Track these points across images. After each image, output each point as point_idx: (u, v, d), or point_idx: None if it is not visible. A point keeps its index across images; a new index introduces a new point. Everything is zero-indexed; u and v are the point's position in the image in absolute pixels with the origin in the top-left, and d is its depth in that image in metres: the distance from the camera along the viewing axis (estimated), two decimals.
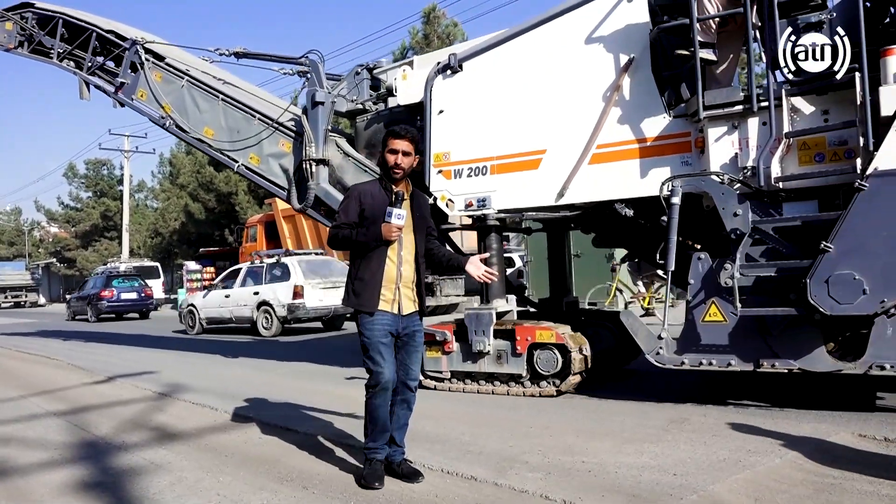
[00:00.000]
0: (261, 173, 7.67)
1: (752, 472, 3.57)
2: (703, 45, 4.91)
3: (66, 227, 39.38)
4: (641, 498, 3.25)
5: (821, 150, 4.59)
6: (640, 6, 5.22)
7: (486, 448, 4.23)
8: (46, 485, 3.91)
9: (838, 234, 4.27)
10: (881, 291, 4.17)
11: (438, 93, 6.10)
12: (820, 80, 4.49)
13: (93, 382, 7.83)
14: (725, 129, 4.87)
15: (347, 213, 3.68)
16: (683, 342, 4.97)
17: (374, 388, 3.58)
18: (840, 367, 4.51)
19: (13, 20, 9.54)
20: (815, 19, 4.54)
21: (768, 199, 4.73)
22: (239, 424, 5.22)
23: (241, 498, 3.52)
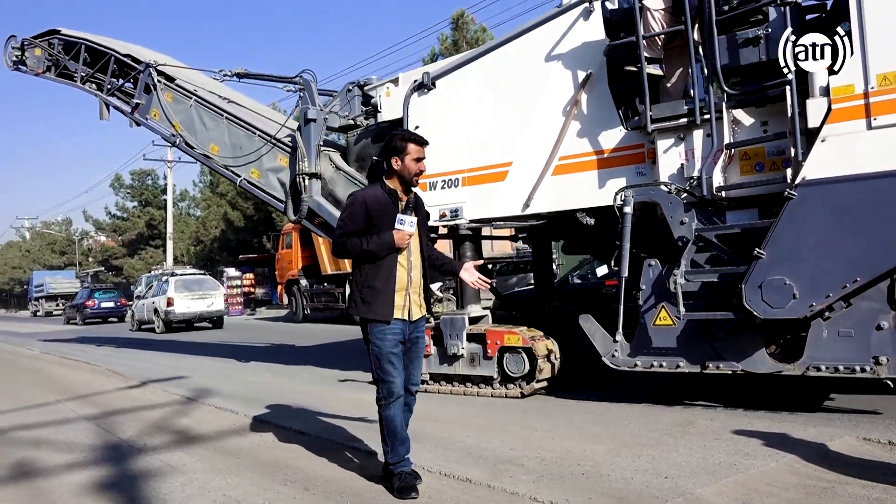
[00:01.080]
0: (261, 187, 8.17)
1: (745, 475, 3.62)
2: (650, 61, 5.16)
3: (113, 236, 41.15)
4: (628, 500, 3.34)
5: (760, 159, 4.79)
6: (596, 24, 5.50)
7: (486, 451, 4.36)
8: (67, 485, 4.18)
9: (770, 241, 4.48)
10: (810, 296, 4.37)
11: (414, 109, 6.48)
12: (754, 93, 4.69)
13: (127, 387, 8.23)
14: (673, 140, 5.11)
15: (354, 221, 3.64)
16: (636, 345, 5.22)
17: (387, 399, 3.60)
18: (780, 369, 4.71)
19: (41, 47, 10.28)
20: (752, 35, 4.74)
21: (712, 207, 4.96)
22: (256, 428, 5.44)
23: (245, 498, 3.71)
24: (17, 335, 21.99)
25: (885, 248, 4.18)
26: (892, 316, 4.36)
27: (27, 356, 13.72)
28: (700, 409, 5.18)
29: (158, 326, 19.88)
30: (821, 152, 4.35)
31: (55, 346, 15.62)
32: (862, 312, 4.44)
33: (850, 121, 4.27)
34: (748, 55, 4.79)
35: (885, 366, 4.36)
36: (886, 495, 3.22)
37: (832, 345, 4.51)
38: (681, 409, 5.23)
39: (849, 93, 4.27)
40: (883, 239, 4.18)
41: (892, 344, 4.35)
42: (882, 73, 4.18)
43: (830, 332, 4.52)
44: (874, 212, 4.19)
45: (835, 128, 4.32)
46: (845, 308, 4.47)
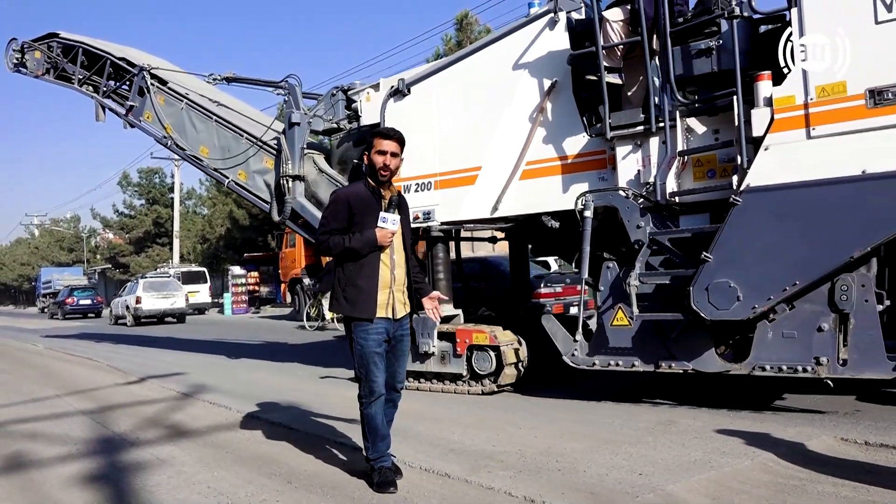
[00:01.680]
0: (248, 188, 8.42)
1: (718, 472, 3.67)
2: (610, 70, 5.36)
3: (121, 233, 41.64)
4: (599, 496, 3.42)
5: (712, 166, 4.98)
6: (561, 34, 5.71)
7: (469, 447, 4.45)
8: (58, 477, 4.26)
9: (716, 245, 4.68)
10: (753, 298, 4.56)
11: (390, 114, 6.70)
12: (705, 102, 4.89)
13: (125, 383, 8.36)
14: (631, 147, 5.31)
15: (337, 218, 3.66)
16: (595, 345, 5.43)
17: (368, 397, 3.64)
18: (728, 368, 4.91)
19: (41, 50, 10.58)
20: (705, 46, 4.93)
21: (667, 212, 5.15)
22: (247, 423, 5.55)
23: (229, 490, 3.80)
24: (24, 331, 22.41)
25: (821, 254, 4.37)
26: (832, 318, 4.54)
27: (32, 352, 14.00)
28: (684, 408, 5.27)
29: (129, 321, 23.38)
30: (764, 160, 4.54)
31: (59, 343, 15.91)
32: (804, 315, 4.62)
33: (791, 130, 4.46)
34: (701, 66, 4.99)
35: (825, 366, 4.54)
36: (855, 493, 3.29)
37: (776, 345, 4.70)
38: (666, 408, 5.34)
39: (790, 103, 4.46)
40: (820, 244, 4.36)
41: (832, 345, 4.53)
42: (821, 84, 4.36)
43: (775, 334, 4.71)
44: (812, 218, 4.38)
45: (777, 137, 4.50)
46: (789, 310, 4.66)
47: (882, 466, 3.68)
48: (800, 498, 3.29)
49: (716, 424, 4.67)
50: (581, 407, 5.60)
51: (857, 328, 4.47)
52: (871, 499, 3.23)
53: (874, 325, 4.42)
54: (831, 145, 4.33)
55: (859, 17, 4.23)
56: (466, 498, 3.49)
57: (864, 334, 4.45)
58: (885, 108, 4.17)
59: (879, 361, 4.40)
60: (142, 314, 23.11)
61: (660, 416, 5.08)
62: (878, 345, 4.40)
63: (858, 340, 4.46)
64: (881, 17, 4.18)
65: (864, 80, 4.22)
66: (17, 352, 14.16)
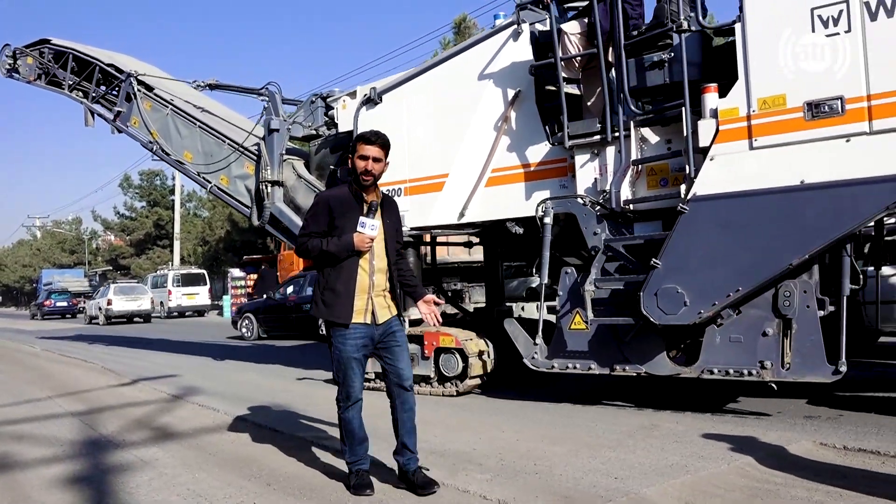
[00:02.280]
0: (230, 193, 8.61)
1: (694, 476, 3.70)
2: (569, 81, 5.53)
3: (122, 235, 41.93)
4: (572, 499, 3.44)
5: (665, 175, 5.14)
6: (524, 45, 5.88)
7: (450, 450, 4.48)
8: (41, 478, 4.29)
9: (665, 252, 4.84)
10: (699, 304, 4.72)
11: (363, 122, 6.88)
12: (656, 113, 5.04)
13: (118, 385, 8.40)
14: (589, 156, 5.47)
15: (317, 222, 3.65)
16: (554, 348, 5.59)
17: (345, 401, 3.63)
18: (679, 372, 5.06)
19: (33, 56, 10.81)
20: (658, 59, 5.09)
21: (622, 219, 5.30)
22: (234, 426, 5.59)
23: (207, 493, 3.82)
24: (22, 332, 22.61)
25: (763, 261, 4.52)
26: (776, 323, 4.69)
27: (29, 353, 14.12)
28: (669, 412, 5.32)
29: (101, 321, 26.66)
30: (710, 170, 4.70)
31: (55, 344, 16.05)
32: (750, 320, 4.77)
33: (735, 141, 4.61)
34: (654, 77, 5.14)
35: (770, 370, 4.69)
36: (827, 497, 3.33)
37: (724, 349, 4.85)
38: (651, 412, 5.39)
39: (734, 115, 4.61)
40: (760, 252, 4.52)
41: (776, 349, 4.68)
42: (762, 97, 4.51)
43: (723, 338, 4.86)
44: (753, 227, 4.53)
45: (722, 147, 4.66)
46: (736, 315, 4.81)
47: (857, 470, 3.73)
48: (772, 502, 3.32)
49: (698, 429, 4.71)
50: (567, 410, 5.67)
51: (799, 333, 4.62)
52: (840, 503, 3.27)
53: (815, 330, 4.57)
54: (772, 156, 4.49)
55: (798, 32, 4.38)
56: (441, 500, 3.52)
57: (806, 339, 4.60)
58: (821, 121, 4.32)
59: (820, 366, 4.55)
60: (112, 314, 26.44)
61: (643, 419, 5.13)
62: (819, 349, 4.55)
63: (800, 345, 4.62)
64: (818, 32, 4.32)
65: (803, 94, 4.38)
66: (14, 353, 14.28)
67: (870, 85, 4.19)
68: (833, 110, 4.28)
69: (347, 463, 3.73)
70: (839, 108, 4.26)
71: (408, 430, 3.67)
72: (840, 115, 4.26)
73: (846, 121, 4.25)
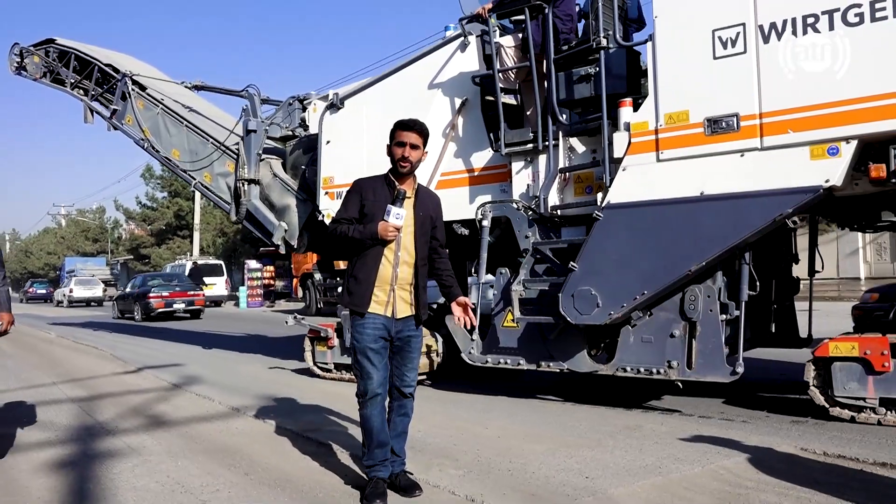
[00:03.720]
0: (212, 190, 9.10)
1: (665, 478, 3.72)
2: (506, 91, 5.86)
3: (143, 225, 42.99)
4: (539, 497, 3.48)
5: (590, 183, 5.47)
6: (470, 56, 6.25)
7: (430, 445, 4.53)
8: (30, 462, 4.44)
9: (581, 256, 5.18)
10: (609, 305, 5.06)
11: (327, 126, 7.30)
12: (579, 125, 5.37)
13: (123, 372, 8.61)
14: (523, 163, 5.83)
15: (347, 208, 3.59)
16: (488, 344, 5.95)
17: (363, 396, 3.52)
18: (597, 369, 5.41)
19: (39, 55, 11.40)
20: (585, 72, 5.41)
21: (550, 224, 5.64)
22: (226, 415, 5.72)
23: (186, 480, 3.95)
24: (42, 318, 23.49)
25: (665, 267, 4.85)
26: (682, 326, 5.01)
27: (43, 339, 14.57)
28: (655, 413, 5.40)
29: (65, 304, 36.14)
30: (622, 179, 5.03)
31: (70, 331, 16.59)
32: (660, 321, 5.10)
33: (645, 153, 4.94)
34: (582, 90, 5.48)
35: (676, 369, 5.02)
36: (797, 503, 3.33)
37: (637, 349, 5.19)
38: (638, 412, 5.46)
39: (644, 129, 4.94)
40: (663, 258, 4.84)
41: (682, 350, 5.01)
42: (668, 112, 4.83)
43: (636, 338, 5.19)
44: (658, 234, 4.86)
45: (634, 158, 4.99)
46: (648, 317, 5.13)
47: (833, 476, 3.74)
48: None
49: (681, 431, 4.74)
50: (556, 409, 5.74)
51: (702, 335, 4.94)
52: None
53: (717, 332, 4.88)
54: (676, 168, 4.80)
55: (700, 52, 4.68)
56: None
57: (709, 341, 4.92)
58: (720, 136, 4.63)
59: (720, 366, 4.86)
60: (73, 300, 36.17)
61: (629, 420, 5.20)
62: (720, 351, 4.86)
63: (703, 346, 4.93)
64: (718, 53, 4.63)
65: (704, 110, 4.69)
66: (28, 339, 14.69)
67: (762, 103, 4.48)
68: (729, 126, 4.58)
69: (365, 466, 3.59)
70: (735, 125, 4.56)
71: (398, 433, 3.64)
72: (736, 132, 4.57)
73: (741, 136, 4.56)
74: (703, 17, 4.69)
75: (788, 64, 4.40)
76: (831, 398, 4.80)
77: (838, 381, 4.74)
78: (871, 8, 4.15)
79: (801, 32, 4.35)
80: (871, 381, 4.64)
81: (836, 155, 4.26)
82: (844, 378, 4.72)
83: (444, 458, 4.24)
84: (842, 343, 4.77)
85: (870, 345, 4.63)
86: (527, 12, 5.54)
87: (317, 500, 3.58)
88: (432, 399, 6.21)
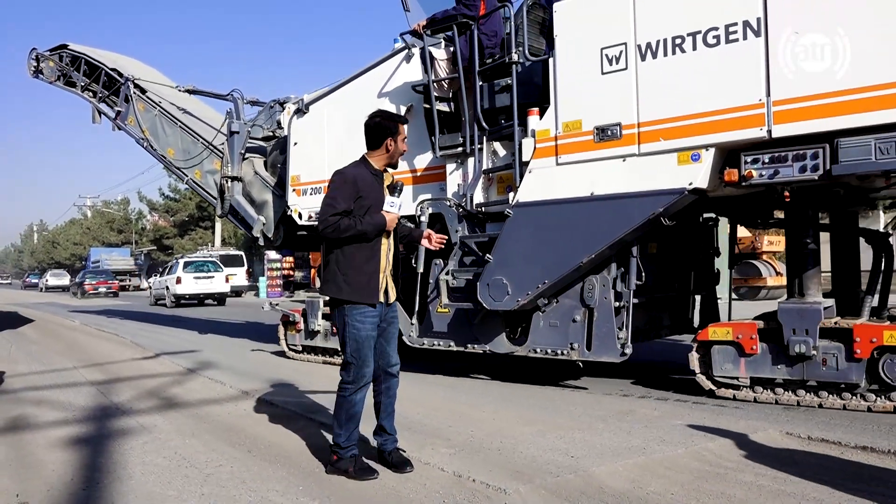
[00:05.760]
0: (202, 186, 9.98)
1: (647, 458, 3.87)
2: (440, 100, 6.56)
3: (166, 216, 44.54)
4: (522, 474, 3.66)
5: (510, 183, 6.18)
6: (415, 66, 6.96)
7: (425, 427, 4.78)
8: (46, 439, 4.73)
9: (495, 249, 5.91)
10: (517, 293, 5.78)
11: (294, 129, 8.11)
12: (497, 131, 6.07)
13: (141, 358, 9.08)
14: (455, 165, 6.55)
15: (345, 198, 3.60)
16: (424, 328, 6.72)
17: (357, 383, 3.65)
18: (513, 350, 6.13)
19: (53, 60, 12.41)
20: (505, 83, 6.10)
21: (476, 220, 6.35)
22: (235, 398, 6.06)
23: (192, 456, 4.19)
24: (66, 306, 24.81)
25: (562, 259, 5.56)
26: (582, 311, 5.71)
27: (68, 327, 15.32)
28: (650, 399, 5.62)
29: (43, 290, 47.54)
30: (528, 181, 5.73)
31: (93, 319, 17.49)
32: (564, 308, 5.80)
33: (547, 157, 5.64)
34: (502, 99, 6.17)
35: (577, 350, 5.72)
36: (772, 483, 3.48)
37: (546, 332, 5.89)
38: (634, 398, 5.71)
39: (546, 135, 5.63)
40: (560, 251, 5.55)
41: (583, 333, 5.71)
42: (566, 121, 5.51)
43: (545, 323, 5.90)
44: (557, 229, 5.56)
45: (538, 162, 5.69)
46: (555, 304, 5.83)
47: (813, 459, 3.91)
48: (716, 485, 3.47)
49: (672, 416, 4.94)
50: (552, 394, 5.99)
51: (598, 320, 5.63)
52: (782, 488, 3.43)
53: (610, 318, 5.57)
54: (571, 171, 5.49)
55: (591, 67, 5.36)
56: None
57: (604, 325, 5.61)
58: (606, 143, 5.30)
59: (611, 348, 5.56)
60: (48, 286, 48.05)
61: (624, 405, 5.41)
62: (611, 334, 5.55)
63: (599, 330, 5.62)
64: (605, 69, 5.30)
65: (594, 119, 5.37)
66: (53, 326, 15.51)
67: (640, 114, 5.14)
68: (613, 134, 5.25)
69: (340, 446, 3.73)
70: (618, 133, 5.24)
71: (388, 413, 3.82)
72: (618, 139, 5.24)
73: (623, 143, 5.23)
74: (593, 36, 5.37)
75: (661, 79, 5.06)
76: (712, 378, 5.44)
77: (716, 362, 5.38)
78: (725, 31, 4.79)
79: (671, 52, 5.01)
80: (743, 363, 5.29)
81: (699, 161, 4.91)
82: (721, 360, 5.37)
83: (437, 438, 4.49)
84: (719, 328, 5.43)
85: (741, 329, 5.28)
86: (455, 29, 6.24)
87: (312, 475, 3.84)
88: (432, 383, 6.66)
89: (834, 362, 4.93)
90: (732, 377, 5.36)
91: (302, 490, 3.58)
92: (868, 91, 4.32)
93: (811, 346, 4.94)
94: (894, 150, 4.25)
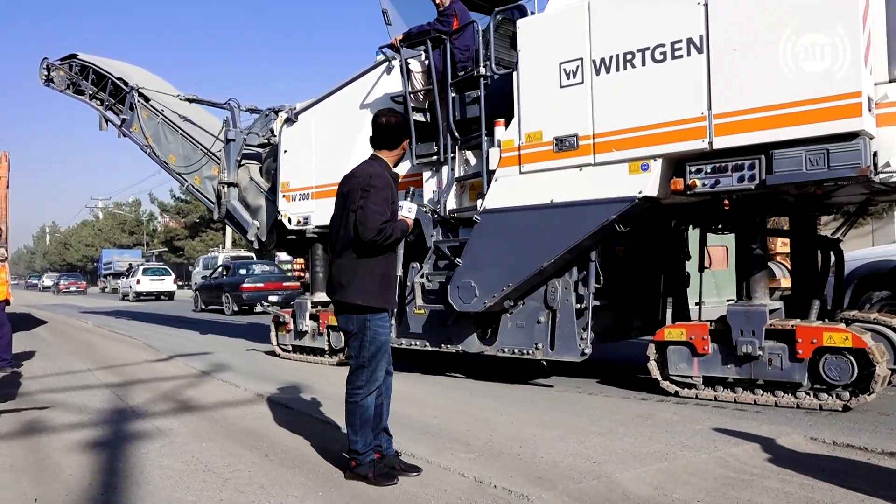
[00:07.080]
0: (200, 191, 10.45)
1: (671, 464, 3.84)
2: (416, 110, 6.93)
3: (177, 218, 45.30)
4: (545, 479, 3.65)
5: (481, 190, 6.52)
6: (395, 78, 7.35)
7: (444, 430, 4.82)
8: (62, 442, 4.78)
9: (465, 253, 6.28)
10: (484, 295, 6.15)
11: (284, 137, 8.53)
12: (467, 141, 6.43)
13: (155, 360, 9.22)
14: (430, 172, 6.93)
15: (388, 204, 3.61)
16: (402, 328, 7.10)
17: (368, 386, 3.69)
18: (483, 350, 6.48)
19: (63, 69, 12.95)
20: (475, 95, 6.46)
21: (449, 225, 6.71)
22: (250, 401, 6.13)
23: (209, 460, 4.21)
24: (79, 308, 25.34)
25: (524, 263, 5.93)
26: (546, 313, 6.06)
27: (81, 329, 15.56)
28: (670, 403, 5.57)
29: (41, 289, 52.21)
30: (495, 188, 6.10)
31: (106, 320, 17.77)
32: (530, 309, 6.16)
33: (511, 166, 6.00)
34: (473, 110, 6.54)
35: (541, 350, 6.08)
36: (799, 490, 3.44)
37: (513, 333, 6.25)
38: (654, 402, 5.67)
39: (511, 146, 5.99)
40: (523, 255, 5.90)
41: (546, 334, 6.05)
42: (528, 132, 5.87)
43: (512, 324, 6.25)
44: (520, 235, 5.93)
45: (503, 171, 6.06)
46: (521, 306, 6.17)
47: (839, 465, 3.88)
48: (742, 491, 3.44)
49: (693, 420, 4.94)
50: (571, 398, 6.01)
51: (561, 321, 5.97)
52: (811, 495, 3.39)
53: (571, 319, 5.92)
54: (533, 179, 5.85)
55: (550, 81, 5.71)
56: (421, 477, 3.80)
57: (565, 326, 5.95)
58: (564, 153, 5.65)
59: (572, 348, 5.91)
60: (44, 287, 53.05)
61: (643, 409, 5.41)
62: (573, 335, 5.90)
63: (561, 331, 5.96)
64: (563, 82, 5.65)
65: (553, 130, 5.72)
66: (66, 328, 15.70)
67: (595, 126, 5.48)
68: (571, 145, 5.60)
69: (358, 452, 3.74)
70: (575, 143, 5.58)
71: (388, 413, 3.90)
72: (576, 149, 5.59)
73: (579, 154, 5.58)
74: (552, 51, 5.72)
75: (613, 92, 5.42)
76: (668, 377, 5.75)
77: (672, 362, 5.70)
78: (671, 47, 5.13)
79: (623, 67, 5.35)
80: (696, 363, 5.60)
81: (648, 171, 5.25)
82: (676, 359, 5.68)
83: (456, 442, 4.50)
84: (674, 329, 5.75)
85: (694, 331, 5.60)
86: (429, 43, 6.61)
87: (331, 480, 3.85)
88: (449, 386, 6.77)
89: (779, 362, 5.24)
90: (687, 376, 5.68)
91: (322, 496, 3.60)
92: (799, 105, 4.64)
93: (757, 346, 5.25)
94: (823, 161, 4.56)
